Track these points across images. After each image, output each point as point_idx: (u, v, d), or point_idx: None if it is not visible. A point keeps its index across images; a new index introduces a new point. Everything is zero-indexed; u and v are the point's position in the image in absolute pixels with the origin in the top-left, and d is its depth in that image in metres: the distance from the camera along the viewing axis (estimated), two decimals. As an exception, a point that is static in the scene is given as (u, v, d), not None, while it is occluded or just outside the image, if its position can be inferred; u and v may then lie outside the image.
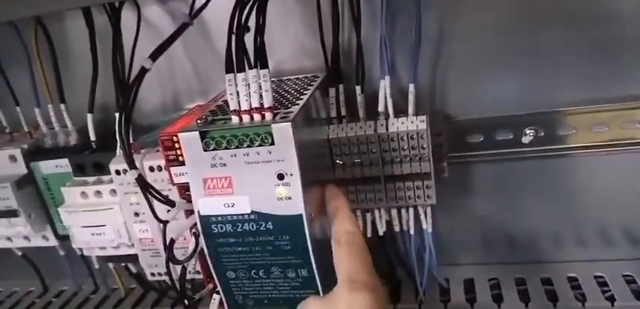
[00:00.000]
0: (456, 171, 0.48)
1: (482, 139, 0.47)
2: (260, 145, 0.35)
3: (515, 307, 0.48)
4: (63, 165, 0.49)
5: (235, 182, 0.37)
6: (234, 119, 0.36)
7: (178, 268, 0.42)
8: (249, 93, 0.35)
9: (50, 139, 0.51)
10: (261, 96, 0.35)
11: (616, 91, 0.44)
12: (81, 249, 0.51)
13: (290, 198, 0.36)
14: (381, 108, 0.44)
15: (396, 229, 0.48)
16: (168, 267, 0.39)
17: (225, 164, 0.36)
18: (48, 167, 0.50)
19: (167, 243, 0.38)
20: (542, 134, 0.46)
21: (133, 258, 0.48)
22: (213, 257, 0.39)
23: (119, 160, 0.43)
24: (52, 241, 0.54)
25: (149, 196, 0.37)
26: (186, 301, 0.42)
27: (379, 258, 0.53)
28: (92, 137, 0.47)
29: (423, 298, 0.51)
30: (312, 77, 0.45)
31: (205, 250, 0.39)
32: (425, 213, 0.47)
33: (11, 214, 0.50)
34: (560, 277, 0.50)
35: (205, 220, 0.38)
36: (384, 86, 0.43)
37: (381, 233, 0.49)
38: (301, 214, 0.36)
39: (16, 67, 0.49)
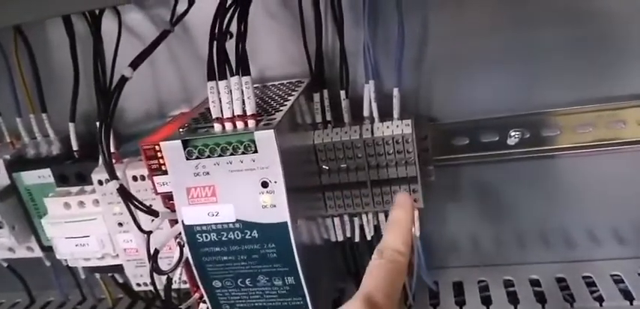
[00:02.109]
0: (441, 174, 0.48)
1: (467, 141, 0.47)
2: (243, 153, 0.35)
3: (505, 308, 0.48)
4: (45, 175, 0.48)
5: (219, 191, 0.36)
6: (217, 127, 0.36)
7: (164, 278, 0.42)
8: (232, 100, 0.35)
9: (32, 149, 0.50)
10: (243, 103, 0.35)
11: (600, 91, 0.44)
12: (66, 260, 0.51)
13: (274, 205, 0.36)
14: (365, 112, 0.44)
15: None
16: (152, 277, 0.38)
17: (208, 173, 0.36)
18: (30, 178, 0.49)
19: (151, 253, 0.37)
20: (528, 136, 0.46)
21: (119, 268, 0.48)
22: (198, 267, 0.39)
23: (102, 169, 0.43)
24: (37, 252, 0.54)
25: (131, 207, 0.37)
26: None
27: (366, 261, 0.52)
28: (74, 147, 0.46)
29: (413, 302, 0.50)
30: (296, 83, 0.45)
31: (190, 260, 0.39)
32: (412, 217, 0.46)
33: (-6, 225, 0.50)
34: (548, 278, 0.50)
35: (190, 229, 0.38)
36: (369, 91, 0.43)
37: (369, 237, 0.48)
38: (286, 222, 0.36)
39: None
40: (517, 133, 0.46)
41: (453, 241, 0.53)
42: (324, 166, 0.44)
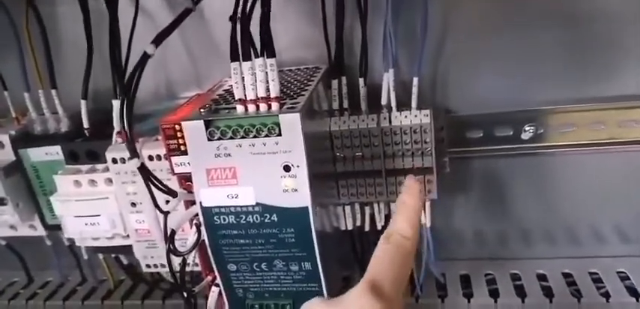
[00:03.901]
0: (453, 166, 0.48)
1: (481, 134, 0.47)
2: (266, 136, 0.35)
3: (512, 302, 0.48)
4: (53, 152, 0.47)
5: (240, 173, 0.36)
6: (239, 109, 0.35)
7: (176, 260, 0.42)
8: (255, 82, 0.35)
9: (40, 126, 0.49)
10: (267, 85, 0.35)
11: (615, 89, 0.44)
12: (71, 239, 0.50)
13: (296, 190, 0.36)
14: (383, 101, 0.44)
15: (395, 223, 0.48)
16: (168, 259, 0.38)
17: (229, 154, 0.36)
18: (37, 155, 0.48)
19: (168, 234, 0.37)
20: (542, 131, 0.46)
21: (126, 249, 0.47)
22: (214, 249, 0.39)
23: (116, 148, 0.42)
24: (40, 231, 0.53)
25: (151, 187, 0.36)
26: (185, 294, 0.41)
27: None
28: (85, 124, 0.45)
29: (420, 292, 0.51)
30: (314, 68, 0.45)
31: (206, 242, 0.39)
32: (424, 208, 0.47)
33: (-2, 202, 0.49)
34: (554, 274, 0.50)
35: (207, 211, 0.37)
36: (388, 79, 0.43)
37: (379, 227, 0.48)
38: (307, 207, 0.36)
39: (4, 51, 0.47)
40: (531, 127, 0.46)
41: (459, 233, 0.54)
42: (338, 154, 0.44)
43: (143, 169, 0.36)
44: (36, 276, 0.63)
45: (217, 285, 0.42)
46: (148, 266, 0.46)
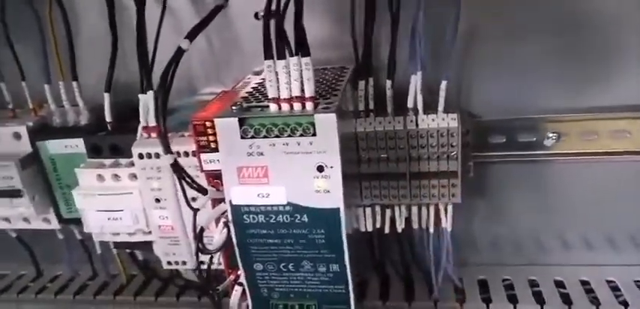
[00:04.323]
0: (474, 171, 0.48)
1: (504, 140, 0.47)
2: (301, 136, 0.34)
3: (531, 308, 0.48)
4: (73, 145, 0.47)
5: (271, 172, 0.36)
6: (273, 107, 0.35)
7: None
8: (290, 81, 0.34)
9: (59, 118, 0.48)
10: (302, 84, 0.34)
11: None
12: (85, 234, 0.49)
13: (329, 191, 0.35)
14: (410, 104, 0.43)
15: (415, 226, 0.48)
16: (197, 256, 0.37)
17: (262, 153, 0.35)
18: (56, 147, 0.47)
19: (197, 232, 0.36)
20: (565, 138, 0.46)
21: (146, 245, 0.46)
22: (241, 248, 0.38)
23: (142, 143, 0.41)
24: (54, 225, 0.52)
25: (182, 184, 0.36)
26: (211, 292, 0.41)
27: (392, 253, 0.53)
28: (108, 118, 0.45)
29: (438, 296, 0.51)
30: (340, 68, 0.45)
31: (234, 241, 0.38)
32: (446, 211, 0.47)
33: (14, 194, 0.48)
34: (572, 281, 0.50)
35: (237, 209, 0.37)
36: (416, 81, 0.43)
37: (399, 230, 0.48)
38: (339, 208, 0.36)
39: (25, 41, 0.47)
40: (554, 134, 0.46)
41: (475, 238, 0.54)
42: (363, 155, 0.44)
43: (176, 166, 0.36)
44: (45, 270, 0.63)
45: (240, 284, 0.42)
46: (169, 263, 0.46)
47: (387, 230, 0.49)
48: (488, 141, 0.48)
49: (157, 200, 0.42)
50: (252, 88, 0.41)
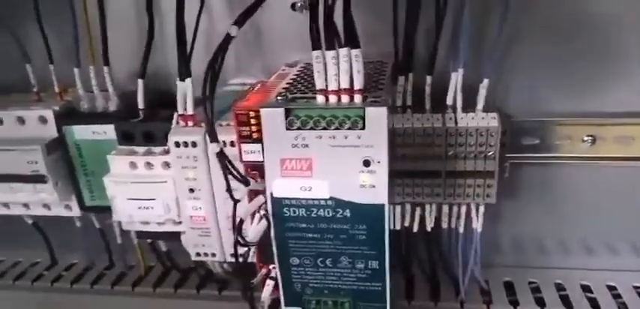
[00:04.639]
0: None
1: (538, 141, 0.47)
2: (349, 129, 0.34)
3: (560, 313, 0.48)
4: (101, 131, 0.46)
5: (316, 165, 0.35)
6: (320, 99, 0.34)
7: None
8: (339, 73, 0.34)
9: (87, 103, 0.47)
10: (351, 76, 0.34)
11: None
12: (108, 222, 0.49)
13: (374, 186, 0.35)
14: (449, 101, 0.43)
15: (444, 225, 0.48)
16: (235, 249, 0.37)
17: (307, 145, 0.34)
18: (83, 132, 0.46)
19: (237, 223, 0.36)
20: (599, 141, 0.46)
21: (173, 235, 0.46)
22: (279, 241, 0.38)
23: (178, 131, 0.41)
24: (76, 212, 0.51)
25: (226, 174, 0.35)
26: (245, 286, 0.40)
27: (418, 252, 0.52)
28: (141, 105, 0.44)
29: (464, 297, 0.50)
30: (378, 62, 0.44)
31: (271, 234, 0.38)
32: (477, 212, 0.46)
33: (38, 179, 0.47)
34: (598, 285, 0.50)
35: (278, 202, 0.36)
36: (456, 79, 0.42)
37: (428, 229, 0.48)
38: (384, 204, 0.35)
39: (55, 23, 0.46)
40: (589, 138, 0.46)
41: (501, 239, 0.53)
42: (400, 152, 0.43)
43: (221, 155, 0.35)
44: (60, 258, 0.61)
45: (273, 278, 0.41)
46: (198, 254, 0.45)
47: (415, 229, 0.48)
48: (519, 142, 0.47)
49: (191, 190, 0.41)
50: (292, 79, 0.40)
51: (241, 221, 0.36)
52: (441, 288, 0.52)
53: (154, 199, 0.42)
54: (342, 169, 0.35)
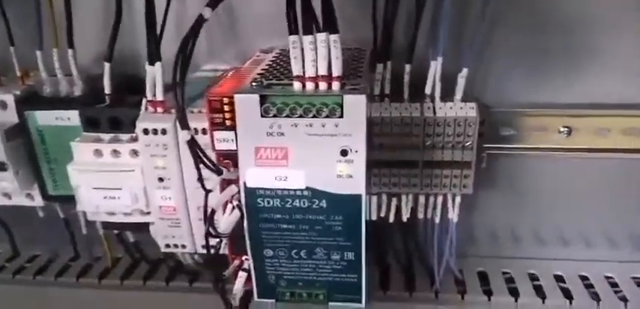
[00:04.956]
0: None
1: (514, 132, 0.47)
2: (327, 117, 0.33)
3: (533, 302, 0.48)
4: (64, 117, 0.43)
5: (292, 154, 0.34)
6: (296, 85, 0.33)
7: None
8: (317, 59, 0.33)
9: (50, 87, 0.45)
10: (329, 63, 0.33)
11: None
12: (71, 213, 0.46)
13: (351, 176, 0.34)
14: (428, 90, 0.42)
15: (420, 216, 0.47)
16: (207, 240, 0.35)
17: (283, 133, 0.33)
18: (46, 118, 0.44)
19: (208, 214, 0.34)
20: (575, 133, 0.46)
21: (141, 227, 0.44)
22: (252, 233, 0.37)
23: (147, 117, 0.39)
24: (38, 202, 0.49)
25: (199, 163, 0.34)
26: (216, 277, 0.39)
27: (394, 242, 0.52)
28: (107, 90, 0.42)
29: (439, 287, 0.50)
30: (356, 50, 0.43)
31: (245, 225, 0.36)
32: (453, 202, 0.46)
33: (-3, 167, 0.44)
34: (571, 275, 0.50)
35: (251, 192, 0.35)
36: (435, 68, 0.41)
37: (405, 219, 0.47)
38: (361, 195, 0.34)
39: (16, 3, 0.43)
40: (565, 129, 0.46)
41: (476, 230, 0.53)
42: (377, 141, 0.42)
43: (193, 143, 0.33)
44: (22, 249, 0.59)
45: (245, 270, 0.40)
46: (168, 246, 0.43)
47: (391, 219, 0.47)
48: (497, 133, 0.47)
49: (161, 179, 0.40)
50: (268, 65, 0.39)
51: (213, 211, 0.34)
52: (416, 278, 0.51)
53: (120, 189, 0.40)
54: (319, 158, 0.34)
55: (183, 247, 0.43)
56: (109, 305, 0.53)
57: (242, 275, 0.40)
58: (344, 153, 0.33)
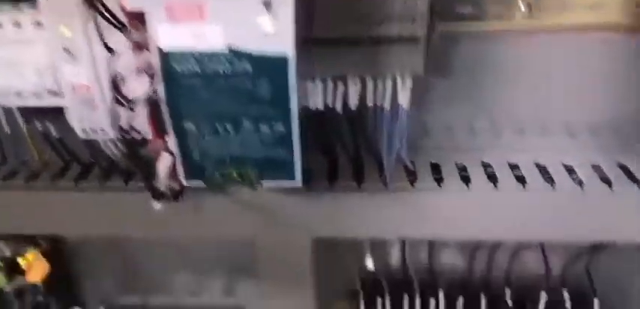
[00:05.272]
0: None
1: (471, 9, 0.43)
2: (245, -40, 0.28)
3: (485, 187, 0.46)
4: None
5: (208, 7, 0.30)
6: None
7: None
8: None
9: None
10: None
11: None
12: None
13: (275, 33, 0.30)
14: (371, -44, 0.38)
15: (370, 104, 0.44)
16: (114, 109, 0.31)
17: (196, -19, 0.29)
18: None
19: (114, 79, 0.30)
20: (536, 10, 0.42)
21: (57, 112, 0.39)
22: (170, 103, 0.33)
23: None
24: None
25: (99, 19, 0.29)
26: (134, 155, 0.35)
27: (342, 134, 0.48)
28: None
29: (388, 180, 0.47)
30: None
31: (161, 95, 0.32)
32: (403, 85, 0.42)
33: None
34: (527, 164, 0.48)
35: (165, 56, 0.31)
36: None
37: (352, 107, 0.44)
38: (287, 55, 0.31)
39: None
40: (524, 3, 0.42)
41: (430, 121, 0.50)
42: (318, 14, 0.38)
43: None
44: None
45: (170, 151, 0.36)
46: (85, 131, 0.39)
47: (338, 108, 0.44)
48: (453, 10, 0.43)
49: (68, 52, 0.35)
50: None
51: (118, 76, 0.30)
52: (365, 169, 0.48)
53: (23, 65, 0.35)
54: (239, 11, 0.30)
55: (103, 131, 0.39)
56: (40, 207, 0.50)
57: (166, 156, 0.37)
58: (268, 5, 0.29)
